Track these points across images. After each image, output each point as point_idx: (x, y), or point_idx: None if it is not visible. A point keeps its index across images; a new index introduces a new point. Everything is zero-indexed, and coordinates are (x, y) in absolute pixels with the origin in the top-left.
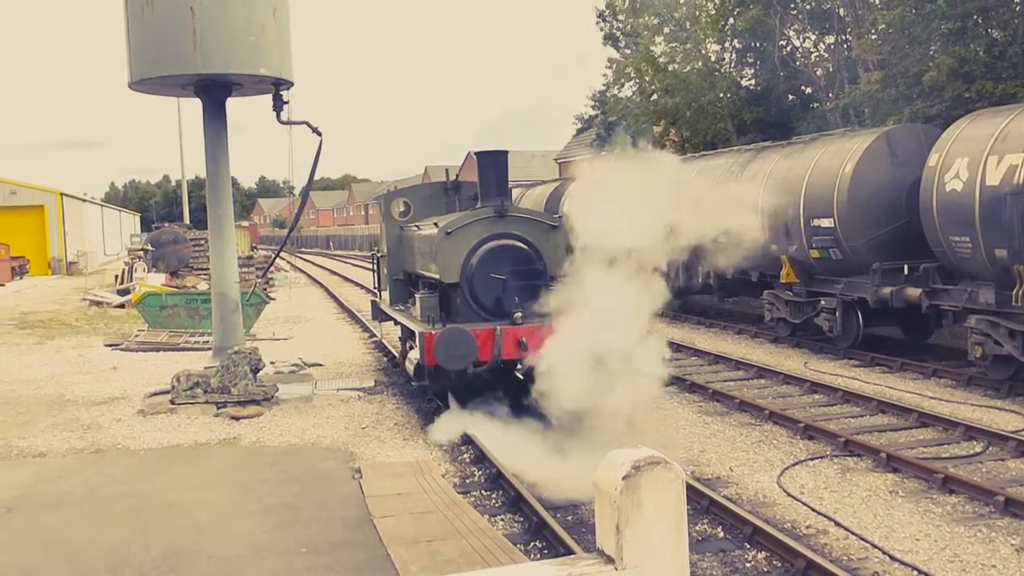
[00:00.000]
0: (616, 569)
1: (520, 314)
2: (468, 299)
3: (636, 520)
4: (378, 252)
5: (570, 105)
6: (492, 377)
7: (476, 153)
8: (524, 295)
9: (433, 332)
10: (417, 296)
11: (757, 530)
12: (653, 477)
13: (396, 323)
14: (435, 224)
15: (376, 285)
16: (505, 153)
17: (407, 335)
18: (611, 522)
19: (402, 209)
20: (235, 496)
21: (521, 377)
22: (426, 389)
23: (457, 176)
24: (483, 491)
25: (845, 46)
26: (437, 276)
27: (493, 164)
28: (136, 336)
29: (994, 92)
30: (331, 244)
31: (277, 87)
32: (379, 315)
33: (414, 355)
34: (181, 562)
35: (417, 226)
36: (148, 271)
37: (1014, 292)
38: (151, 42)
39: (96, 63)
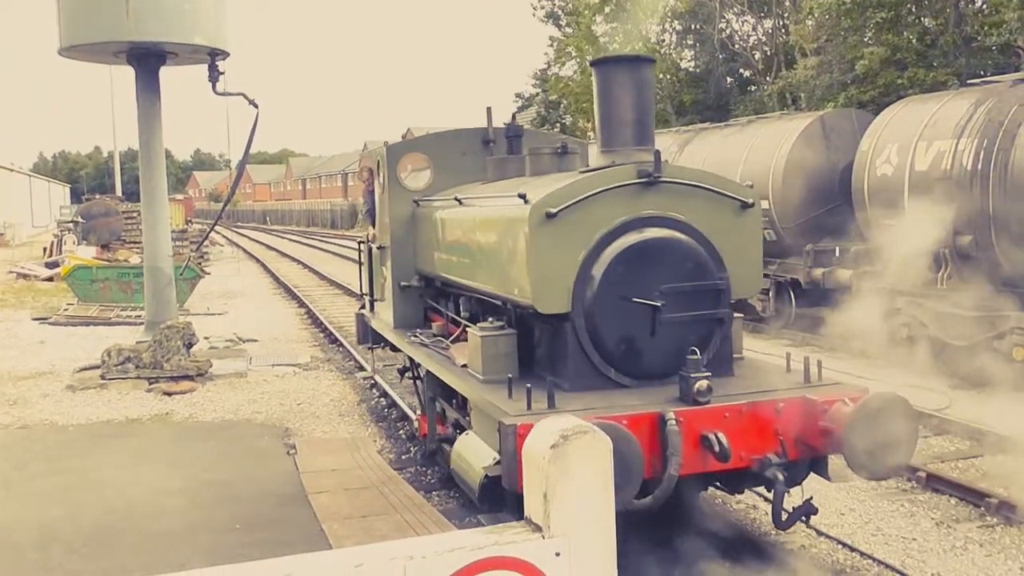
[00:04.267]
0: (544, 537)
1: (706, 383)
2: (584, 345)
3: (564, 488)
4: (371, 239)
5: (511, 82)
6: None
7: (596, 62)
8: (695, 338)
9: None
10: (476, 335)
11: None
12: (581, 445)
13: (394, 348)
14: (520, 196)
15: (365, 291)
16: (650, 62)
17: (436, 392)
18: (539, 490)
19: (418, 171)
20: (167, 472)
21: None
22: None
23: (514, 117)
24: (419, 467)
25: (783, 31)
26: (520, 298)
27: (630, 83)
28: (65, 310)
29: (925, 79)
30: (268, 219)
31: (213, 57)
32: (371, 339)
33: (477, 454)
34: (111, 539)
35: (458, 199)
36: (78, 244)
37: (939, 275)
38: (82, 7)
39: (27, 27)
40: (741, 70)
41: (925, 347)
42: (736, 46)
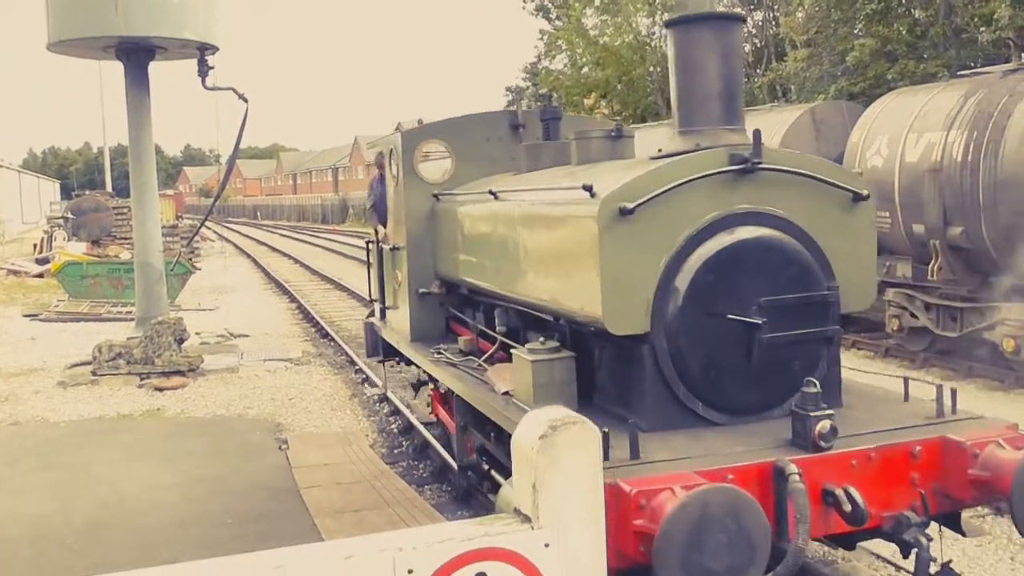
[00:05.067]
0: (533, 528)
1: (830, 423)
2: (666, 373)
3: (552, 479)
4: (382, 239)
5: (501, 76)
6: None
7: (673, 23)
8: (799, 362)
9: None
10: (525, 359)
11: None
12: (569, 436)
13: (408, 362)
14: (586, 188)
15: (375, 296)
16: (738, 22)
17: (469, 421)
18: (528, 481)
19: (438, 161)
20: (159, 468)
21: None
22: None
23: (549, 99)
24: (411, 461)
25: (773, 23)
26: (585, 314)
27: (717, 47)
28: (56, 306)
29: (915, 71)
30: (258, 214)
31: (202, 52)
32: (383, 351)
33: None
34: (103, 534)
35: (493, 193)
36: (68, 240)
37: (930, 266)
38: (70, 1)
39: (16, 22)
40: None
41: (916, 338)
42: None
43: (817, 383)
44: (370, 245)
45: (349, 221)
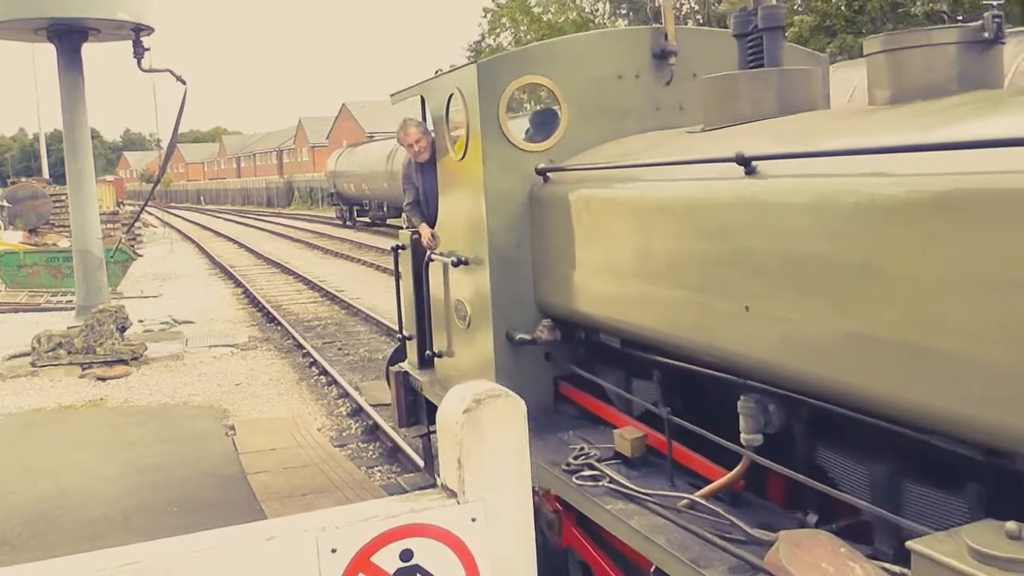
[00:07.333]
0: (459, 503)
1: None
2: None
3: (477, 453)
4: (429, 244)
5: (445, 55)
6: None
7: None
8: None
9: None
10: None
11: None
12: (494, 409)
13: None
14: None
15: (409, 331)
16: None
17: None
18: (453, 456)
19: (538, 116)
20: (102, 459)
21: None
22: None
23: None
24: (360, 443)
25: (715, 0)
26: None
27: None
28: None
29: (854, 46)
30: (202, 198)
31: (137, 33)
32: (419, 416)
33: None
34: (45, 528)
35: (744, 163)
36: (4, 229)
37: None
38: None
39: None
40: None
41: None
42: None
43: None
44: (400, 252)
45: (294, 204)
